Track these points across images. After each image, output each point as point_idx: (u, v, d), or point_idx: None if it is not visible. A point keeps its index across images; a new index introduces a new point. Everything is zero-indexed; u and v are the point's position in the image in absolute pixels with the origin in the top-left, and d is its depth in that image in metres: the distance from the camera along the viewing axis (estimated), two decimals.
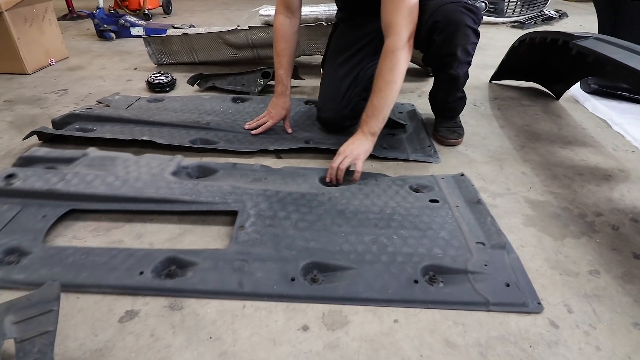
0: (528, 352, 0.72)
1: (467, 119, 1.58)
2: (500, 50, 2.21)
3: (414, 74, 2.09)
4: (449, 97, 1.40)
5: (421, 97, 1.83)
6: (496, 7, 3.33)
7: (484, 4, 3.16)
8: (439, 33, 1.16)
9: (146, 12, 3.39)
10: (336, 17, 1.51)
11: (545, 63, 1.76)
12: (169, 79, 1.89)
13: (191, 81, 1.87)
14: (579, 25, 3.43)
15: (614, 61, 1.13)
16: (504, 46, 2.25)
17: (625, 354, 0.72)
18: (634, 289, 0.85)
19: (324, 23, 1.96)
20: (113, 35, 2.81)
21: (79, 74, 2.12)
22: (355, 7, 1.40)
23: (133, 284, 0.84)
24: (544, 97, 1.85)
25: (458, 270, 0.87)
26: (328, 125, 1.43)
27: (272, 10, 2.35)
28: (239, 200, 1.06)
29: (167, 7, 3.75)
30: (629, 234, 1.01)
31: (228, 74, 1.87)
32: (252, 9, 3.73)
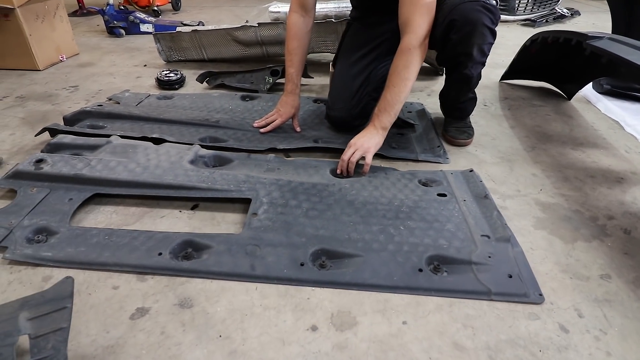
0: (538, 357, 0.71)
1: (477, 119, 1.57)
2: (510, 49, 2.19)
3: (423, 72, 2.07)
4: (460, 97, 1.39)
5: (430, 97, 1.81)
6: (507, 4, 3.29)
7: (494, 1, 3.12)
8: (456, 32, 1.15)
9: (155, 8, 3.40)
10: (350, 15, 1.51)
11: (557, 63, 1.74)
12: (178, 76, 1.89)
13: (200, 79, 1.87)
14: (591, 23, 3.38)
15: (629, 62, 1.11)
16: (514, 45, 2.23)
17: None
18: None
19: (333, 20, 1.96)
20: (123, 31, 2.83)
21: (89, 71, 2.14)
22: (370, 6, 1.39)
23: (152, 264, 0.88)
24: (555, 97, 1.83)
25: (462, 261, 0.89)
26: (337, 124, 1.43)
27: (282, 7, 2.35)
28: (252, 188, 1.10)
29: (176, 4, 3.76)
30: None
31: (237, 71, 1.88)
32: (260, 5, 3.72)
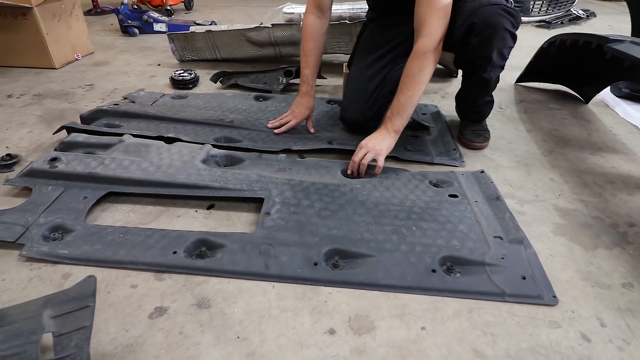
0: None
1: (492, 122, 1.55)
2: (525, 51, 2.16)
3: (438, 74, 2.05)
4: (477, 100, 1.37)
5: (445, 99, 1.80)
6: (522, 5, 3.25)
7: (509, 2, 3.08)
8: (476, 35, 1.13)
9: (168, 8, 3.42)
10: (366, 16, 1.50)
11: (574, 65, 1.71)
12: (192, 75, 1.90)
13: (214, 78, 1.88)
14: (607, 25, 3.33)
15: None
16: (529, 47, 2.19)
17: None
18: None
19: (347, 21, 1.95)
20: (137, 30, 2.85)
21: (104, 69, 2.16)
22: (386, 7, 1.38)
23: (167, 262, 0.88)
24: (572, 101, 1.80)
25: (475, 262, 0.89)
26: (352, 126, 1.42)
27: (296, 9, 2.35)
28: (264, 188, 1.10)
29: (188, 3, 3.78)
30: None
31: (251, 71, 1.88)
32: (273, 5, 3.72)
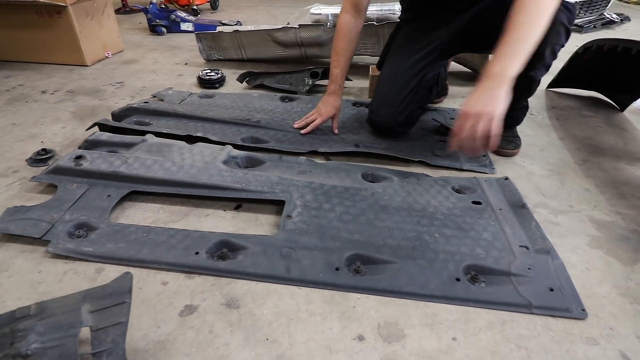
0: None
1: (523, 128, 1.51)
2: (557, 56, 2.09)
3: (465, 77, 2.02)
4: (516, 102, 1.31)
5: None
6: None
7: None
8: None
9: (194, 7, 3.48)
10: (399, 17, 1.47)
11: (610, 72, 1.66)
12: (219, 75, 1.93)
13: (241, 78, 1.89)
14: None
15: None
16: (562, 51, 2.12)
17: None
18: None
19: (374, 23, 1.94)
20: (164, 30, 2.90)
21: (133, 68, 2.21)
22: (422, 8, 1.34)
23: (189, 262, 0.89)
24: (606, 108, 1.74)
25: (501, 272, 0.87)
26: (380, 130, 1.40)
27: (323, 9, 2.34)
28: (285, 190, 1.09)
29: (214, 3, 3.83)
30: None
31: (277, 72, 1.89)
32: (297, 6, 3.73)
